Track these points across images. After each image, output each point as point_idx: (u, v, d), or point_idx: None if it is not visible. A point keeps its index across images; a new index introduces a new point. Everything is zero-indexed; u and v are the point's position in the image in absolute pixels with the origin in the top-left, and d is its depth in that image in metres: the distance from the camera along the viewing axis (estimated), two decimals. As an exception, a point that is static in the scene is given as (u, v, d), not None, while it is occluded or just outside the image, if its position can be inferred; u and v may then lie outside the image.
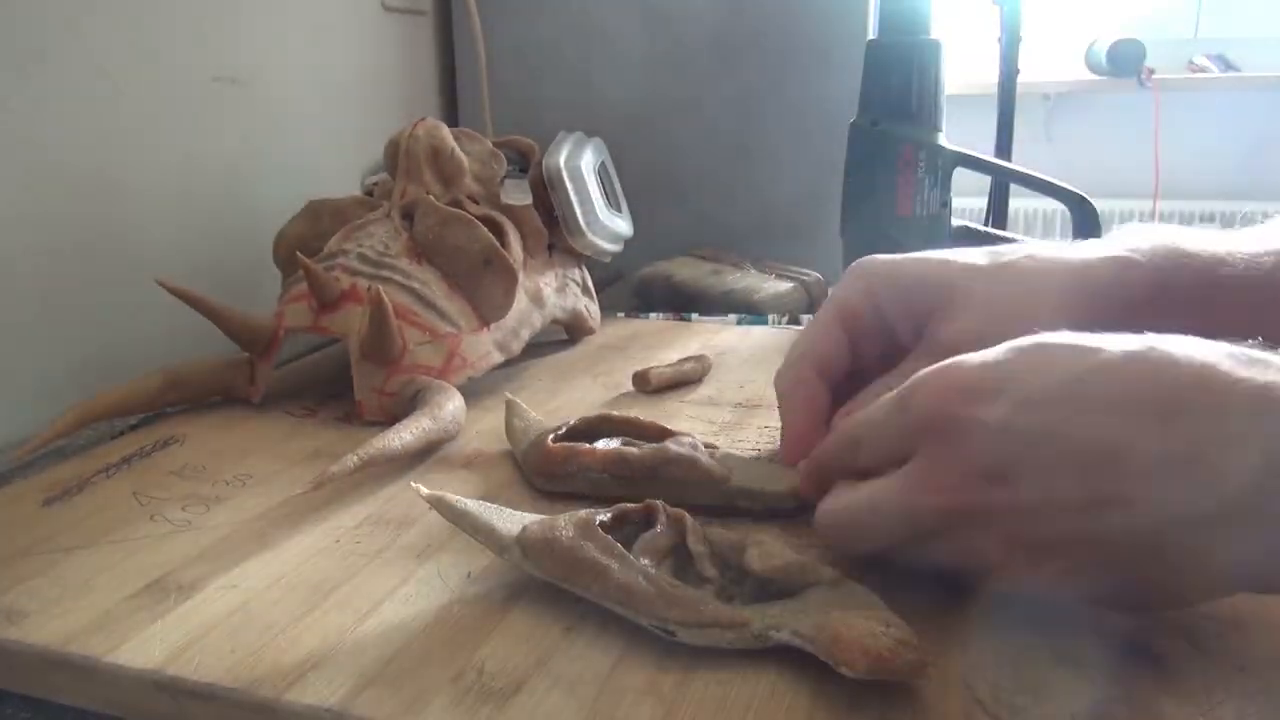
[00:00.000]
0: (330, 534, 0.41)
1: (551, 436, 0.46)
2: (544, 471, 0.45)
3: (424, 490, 0.38)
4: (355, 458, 0.43)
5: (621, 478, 0.43)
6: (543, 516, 0.37)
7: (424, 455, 0.49)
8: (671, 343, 0.72)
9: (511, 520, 0.37)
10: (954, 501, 0.31)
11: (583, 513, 0.36)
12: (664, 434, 0.47)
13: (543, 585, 0.36)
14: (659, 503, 0.38)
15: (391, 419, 0.50)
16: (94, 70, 0.62)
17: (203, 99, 0.71)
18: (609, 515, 0.37)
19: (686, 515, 0.37)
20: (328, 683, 0.31)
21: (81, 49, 0.61)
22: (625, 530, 0.37)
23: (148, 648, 0.33)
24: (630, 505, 0.38)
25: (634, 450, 0.44)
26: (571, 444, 0.45)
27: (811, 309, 0.83)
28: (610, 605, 0.33)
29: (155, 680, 0.31)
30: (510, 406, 0.52)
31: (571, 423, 0.48)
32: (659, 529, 0.37)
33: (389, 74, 0.94)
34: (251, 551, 0.39)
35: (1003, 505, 0.30)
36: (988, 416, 0.30)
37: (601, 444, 0.46)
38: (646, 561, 0.34)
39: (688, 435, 0.46)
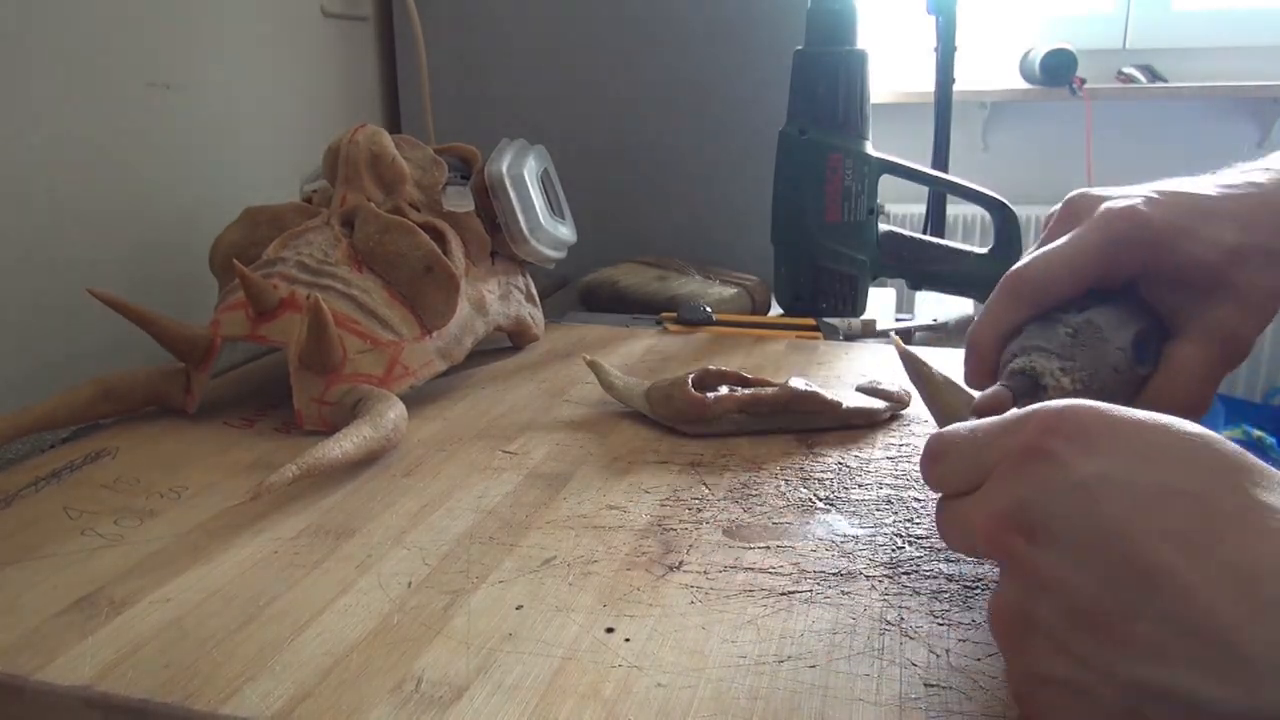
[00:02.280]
0: (268, 545, 0.41)
1: (690, 387, 0.53)
2: (690, 418, 0.53)
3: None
4: (294, 468, 0.43)
5: (757, 415, 0.53)
6: None
7: (365, 464, 0.49)
8: (616, 349, 0.72)
9: None
10: (991, 531, 0.28)
11: None
12: (765, 381, 0.55)
13: (485, 589, 0.36)
14: None
15: (331, 428, 0.50)
16: (24, 76, 0.60)
17: (137, 105, 0.69)
18: None
19: None
20: (264, 695, 0.30)
21: (10, 55, 0.59)
22: None
23: (78, 665, 0.32)
24: None
25: (766, 391, 0.53)
26: (714, 392, 0.53)
27: (755, 313, 0.84)
28: None
29: (85, 698, 0.31)
30: (597, 368, 0.58)
31: (690, 376, 0.54)
32: None
33: (329, 80, 0.94)
34: (186, 565, 0.39)
35: (1025, 565, 0.27)
36: (1071, 468, 0.26)
37: (724, 390, 0.54)
38: None
39: (796, 376, 0.55)
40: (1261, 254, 0.39)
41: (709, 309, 0.78)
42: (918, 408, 0.57)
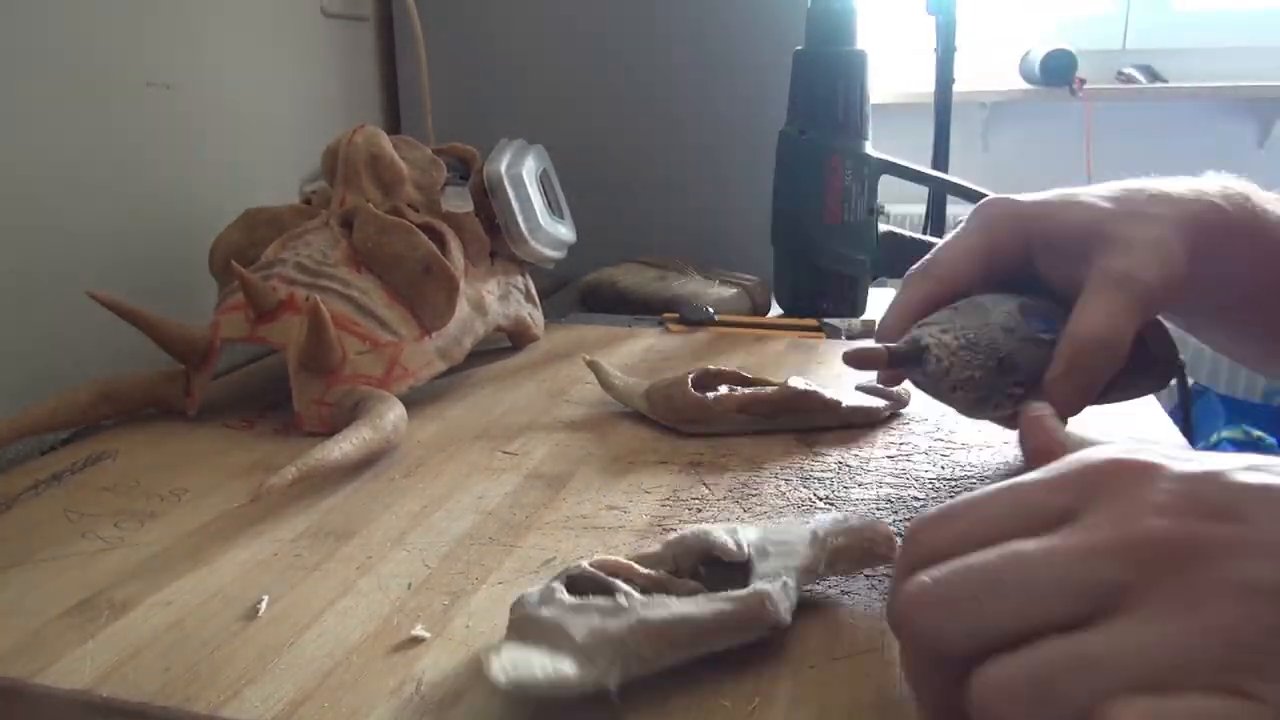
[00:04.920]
0: (268, 547, 0.40)
1: (690, 387, 0.53)
2: (690, 418, 0.53)
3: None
4: (294, 469, 0.43)
5: (757, 415, 0.52)
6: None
7: (364, 466, 0.49)
8: (616, 349, 0.72)
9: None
10: (1156, 532, 0.24)
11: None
12: (765, 380, 0.55)
13: (486, 590, 0.36)
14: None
15: (331, 430, 0.50)
16: (23, 76, 0.60)
17: (136, 105, 0.69)
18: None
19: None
20: (264, 698, 0.30)
21: (9, 54, 0.59)
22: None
23: (78, 668, 0.32)
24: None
25: (766, 391, 0.53)
26: (714, 392, 0.53)
27: (755, 313, 0.84)
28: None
29: (85, 701, 0.31)
30: (597, 368, 0.58)
31: (690, 376, 0.54)
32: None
33: (329, 80, 0.94)
34: (187, 567, 0.39)
35: (1219, 542, 0.23)
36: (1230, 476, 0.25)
37: (724, 390, 0.54)
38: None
39: (796, 376, 0.55)
40: (1131, 215, 0.42)
41: (710, 309, 0.78)
42: (918, 406, 0.57)
